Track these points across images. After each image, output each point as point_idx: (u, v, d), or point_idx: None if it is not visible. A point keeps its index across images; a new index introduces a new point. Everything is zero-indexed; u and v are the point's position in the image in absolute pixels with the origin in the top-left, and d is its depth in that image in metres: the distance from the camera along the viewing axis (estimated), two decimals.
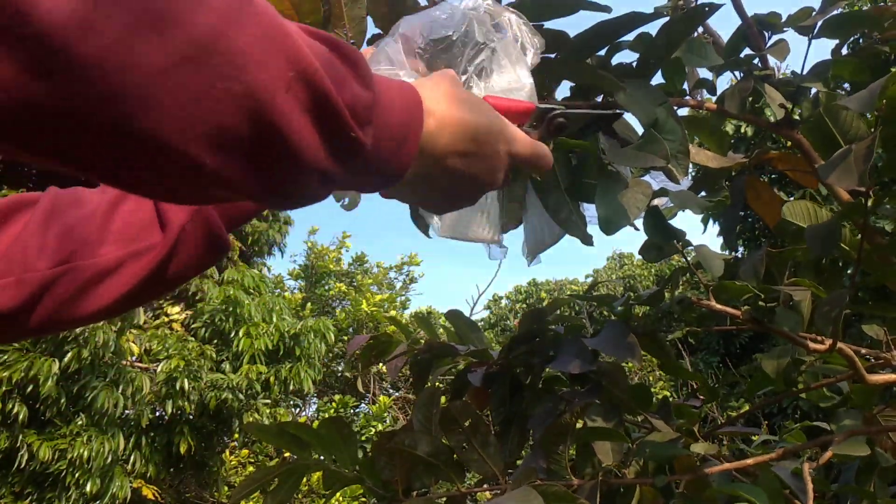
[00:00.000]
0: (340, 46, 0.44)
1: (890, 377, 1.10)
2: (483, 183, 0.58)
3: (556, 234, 1.02)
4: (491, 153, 0.57)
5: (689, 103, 1.08)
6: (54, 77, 0.32)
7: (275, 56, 0.38)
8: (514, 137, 0.60)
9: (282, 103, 0.39)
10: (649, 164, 0.84)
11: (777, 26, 1.14)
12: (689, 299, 1.12)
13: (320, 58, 0.41)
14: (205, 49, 0.36)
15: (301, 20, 0.96)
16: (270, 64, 0.38)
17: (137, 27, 0.33)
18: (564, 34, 0.95)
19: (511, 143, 0.60)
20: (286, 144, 0.40)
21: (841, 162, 0.81)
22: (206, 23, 0.36)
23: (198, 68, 0.35)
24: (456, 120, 0.54)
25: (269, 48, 0.38)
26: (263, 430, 1.25)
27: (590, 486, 1.02)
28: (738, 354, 8.47)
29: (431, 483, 1.12)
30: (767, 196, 1.25)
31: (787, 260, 1.21)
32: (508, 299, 15.70)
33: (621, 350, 1.10)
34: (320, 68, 0.40)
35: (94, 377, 6.82)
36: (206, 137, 0.37)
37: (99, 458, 6.67)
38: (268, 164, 0.40)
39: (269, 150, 0.39)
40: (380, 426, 8.13)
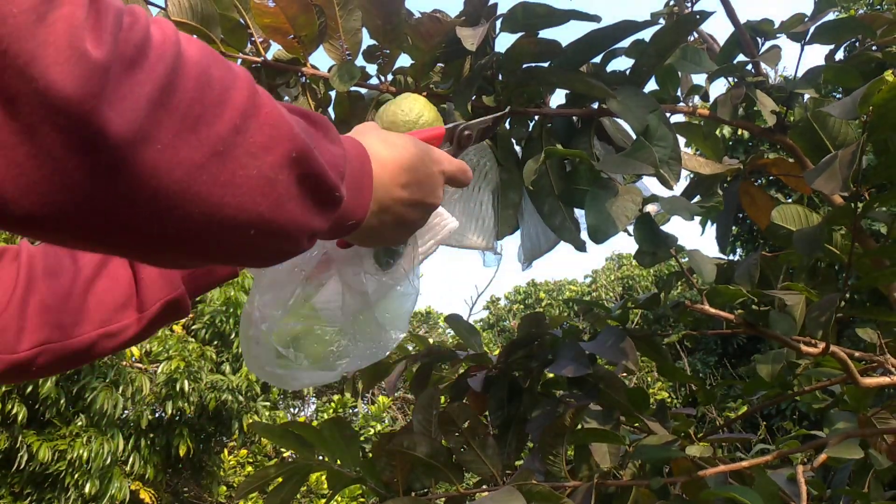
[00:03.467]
0: (310, 115, 0.51)
1: (883, 380, 1.11)
2: (427, 204, 0.66)
3: (552, 240, 1.04)
4: (426, 177, 0.65)
5: (681, 110, 1.10)
6: (116, 179, 0.37)
7: (279, 142, 0.44)
8: (441, 158, 0.68)
9: (284, 180, 0.45)
10: (638, 171, 0.85)
11: (770, 33, 1.16)
12: (684, 304, 1.13)
13: (301, 127, 0.47)
14: (231, 143, 0.41)
15: (297, 33, 0.98)
16: (276, 149, 0.44)
17: (181, 131, 0.39)
18: (557, 43, 0.96)
19: (440, 163, 0.68)
20: (291, 216, 0.46)
21: (827, 168, 0.82)
22: (231, 120, 0.41)
23: (224, 161, 0.41)
24: (392, 158, 0.62)
25: (275, 136, 0.44)
26: (268, 429, 1.27)
27: (586, 488, 1.03)
28: (735, 355, 8.47)
29: (431, 484, 1.14)
30: (762, 201, 1.27)
31: (782, 264, 1.22)
32: (507, 300, 15.71)
33: (618, 353, 1.12)
34: (308, 141, 0.46)
35: (94, 378, 6.83)
36: (228, 220, 0.42)
37: (98, 459, 6.68)
38: (274, 236, 0.46)
39: (275, 223, 0.45)
40: (379, 426, 8.12)
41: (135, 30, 0.37)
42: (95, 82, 0.34)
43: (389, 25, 0.97)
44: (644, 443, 1.14)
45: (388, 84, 1.09)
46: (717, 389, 2.59)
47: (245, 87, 0.43)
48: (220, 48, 1.04)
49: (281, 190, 0.44)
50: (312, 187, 0.47)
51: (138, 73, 0.37)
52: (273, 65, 1.07)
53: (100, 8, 0.35)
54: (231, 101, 0.42)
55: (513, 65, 1.02)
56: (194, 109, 0.39)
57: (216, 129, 0.40)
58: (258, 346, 0.75)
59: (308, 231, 0.49)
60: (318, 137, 0.50)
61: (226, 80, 0.42)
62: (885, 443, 1.22)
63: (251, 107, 0.43)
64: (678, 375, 1.38)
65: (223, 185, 0.41)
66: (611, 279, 12.99)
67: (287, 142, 0.45)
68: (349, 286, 0.74)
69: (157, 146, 0.37)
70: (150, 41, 0.38)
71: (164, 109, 0.38)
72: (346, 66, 1.02)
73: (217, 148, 0.40)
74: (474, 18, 0.98)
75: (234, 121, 0.41)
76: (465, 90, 0.99)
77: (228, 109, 0.41)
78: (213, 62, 0.42)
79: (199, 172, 0.40)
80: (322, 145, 0.50)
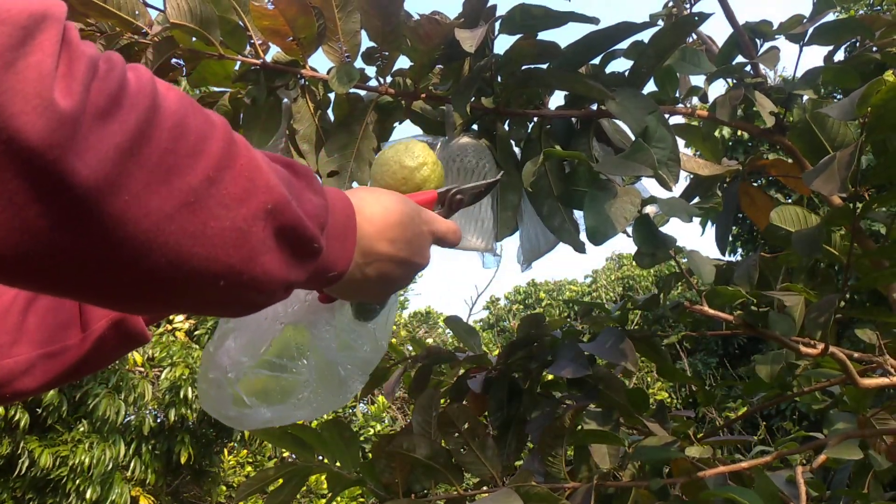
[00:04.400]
0: (293, 165, 0.50)
1: (882, 381, 1.11)
2: (414, 263, 0.65)
3: (551, 241, 1.04)
4: (414, 235, 0.64)
5: (680, 111, 1.10)
6: (80, 228, 0.36)
7: (254, 193, 0.44)
8: (431, 218, 0.69)
9: (259, 232, 0.44)
10: (636, 173, 0.85)
11: (768, 34, 1.16)
12: (683, 305, 1.13)
13: (281, 178, 0.47)
14: (203, 194, 0.41)
15: (296, 35, 0.98)
16: (251, 200, 0.43)
17: (151, 181, 0.38)
18: (555, 45, 0.96)
19: (430, 223, 0.68)
20: (264, 269, 0.45)
21: (825, 169, 0.82)
22: (205, 171, 0.41)
23: (194, 212, 0.40)
24: (380, 213, 0.61)
25: (250, 187, 0.43)
26: (268, 431, 1.27)
27: (585, 489, 1.03)
28: (736, 355, 8.47)
29: (431, 485, 1.14)
30: (762, 202, 1.27)
31: (782, 265, 1.22)
32: (507, 300, 15.70)
33: (617, 354, 1.12)
34: (287, 192, 0.46)
35: (97, 384, 6.82)
36: (196, 271, 0.42)
37: (100, 465, 6.67)
38: (246, 287, 0.45)
39: (247, 275, 0.44)
40: (378, 426, 8.12)
41: (109, 78, 0.37)
42: (62, 133, 0.34)
43: (388, 27, 0.97)
44: (644, 444, 1.14)
45: (386, 86, 1.09)
46: (717, 390, 2.61)
47: (221, 137, 0.43)
48: (219, 50, 1.05)
49: (255, 242, 0.44)
50: (290, 239, 0.47)
51: (110, 122, 0.36)
52: (272, 67, 1.08)
53: (72, 56, 0.35)
54: (206, 152, 0.41)
55: (512, 66, 1.02)
56: (167, 160, 0.39)
57: (188, 180, 0.40)
58: (219, 389, 0.75)
59: (284, 283, 0.48)
60: (300, 188, 0.49)
61: (202, 130, 0.41)
62: (885, 443, 1.22)
63: (227, 157, 0.42)
64: (678, 376, 1.38)
65: (192, 236, 0.40)
66: (611, 279, 12.98)
67: (263, 193, 0.44)
68: (318, 339, 0.75)
69: (125, 197, 0.37)
70: (125, 90, 0.38)
71: (135, 160, 0.37)
72: (345, 68, 1.02)
73: (188, 199, 0.40)
74: (473, 20, 0.98)
75: (207, 171, 0.41)
76: (463, 92, 0.99)
77: (203, 160, 0.41)
78: (190, 111, 0.41)
79: (168, 223, 0.39)
80: (303, 196, 0.49)
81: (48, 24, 0.34)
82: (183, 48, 1.05)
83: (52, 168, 0.34)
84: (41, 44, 0.34)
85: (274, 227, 0.45)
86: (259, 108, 1.07)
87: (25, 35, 0.33)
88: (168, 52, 1.02)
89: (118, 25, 1.02)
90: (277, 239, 0.45)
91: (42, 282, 0.39)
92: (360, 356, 0.79)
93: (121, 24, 1.01)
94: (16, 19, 0.33)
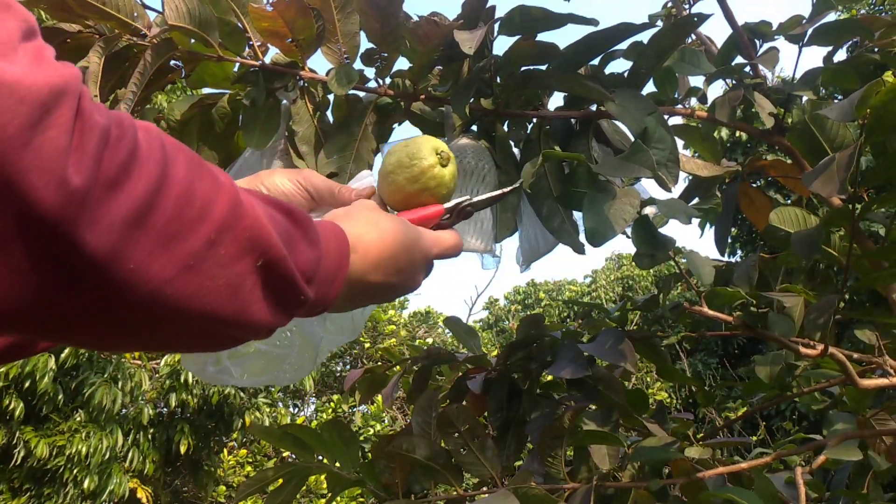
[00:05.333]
0: (293, 213, 0.52)
1: (882, 381, 1.11)
2: (403, 288, 0.67)
3: (550, 242, 1.04)
4: (408, 264, 0.65)
5: (680, 112, 1.10)
6: (85, 295, 0.38)
7: (251, 251, 0.45)
8: (431, 244, 0.69)
9: (250, 285, 0.46)
10: (635, 174, 0.85)
11: (768, 35, 1.16)
12: (683, 306, 1.13)
13: (278, 226, 0.48)
14: (202, 257, 0.42)
15: (295, 36, 0.98)
16: (246, 258, 0.45)
17: (155, 249, 0.40)
18: (554, 46, 0.96)
19: (428, 251, 0.69)
20: (252, 317, 0.47)
21: (824, 170, 0.82)
22: (207, 235, 0.42)
23: (193, 274, 0.42)
24: (376, 244, 0.62)
25: (247, 246, 0.45)
26: (267, 431, 1.27)
27: (585, 490, 1.03)
28: (736, 355, 8.47)
29: (430, 486, 1.14)
30: (761, 203, 1.27)
31: (781, 266, 1.22)
32: (507, 300, 15.70)
33: (616, 355, 1.12)
34: (283, 248, 0.47)
35: (93, 373, 6.82)
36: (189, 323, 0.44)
37: (97, 454, 6.67)
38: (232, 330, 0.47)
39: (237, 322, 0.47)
40: (378, 426, 8.12)
41: (120, 147, 0.38)
42: (73, 209, 0.35)
43: (387, 29, 0.97)
44: (643, 444, 1.14)
45: (386, 87, 1.09)
46: (717, 391, 2.60)
47: (227, 201, 0.44)
48: (218, 52, 1.05)
49: (245, 294, 0.46)
50: (279, 291, 0.48)
51: (118, 193, 0.37)
52: (271, 68, 1.08)
53: (84, 129, 0.36)
54: (210, 217, 0.42)
55: (511, 67, 1.02)
56: (171, 227, 0.40)
57: (190, 244, 0.41)
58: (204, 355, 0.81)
59: (268, 327, 0.50)
60: (297, 239, 0.51)
61: (208, 195, 0.43)
62: (884, 444, 1.22)
63: (230, 220, 0.44)
64: (677, 377, 1.38)
65: (189, 296, 0.42)
66: (610, 279, 12.98)
67: (259, 252, 0.46)
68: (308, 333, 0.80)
69: (129, 266, 0.38)
70: (136, 157, 0.38)
71: (141, 229, 0.38)
72: (344, 70, 1.02)
73: (188, 262, 0.41)
74: (472, 22, 0.98)
75: (209, 235, 0.42)
76: (463, 93, 0.99)
77: (206, 225, 0.42)
78: (197, 175, 0.42)
79: (167, 286, 0.40)
80: (298, 248, 0.50)
81: (65, 98, 0.35)
82: (182, 50, 1.05)
83: (61, 241, 0.35)
84: (57, 119, 0.34)
85: (264, 281, 0.47)
86: (258, 109, 1.07)
87: (44, 112, 0.34)
88: (167, 54, 1.02)
89: (117, 27, 1.02)
90: (266, 290, 0.47)
91: (37, 334, 0.41)
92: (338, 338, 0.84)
93: (120, 26, 1.01)
94: (36, 97, 0.34)
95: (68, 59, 1.07)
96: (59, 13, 1.00)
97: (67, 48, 1.06)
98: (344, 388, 0.63)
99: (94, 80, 0.99)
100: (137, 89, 1.00)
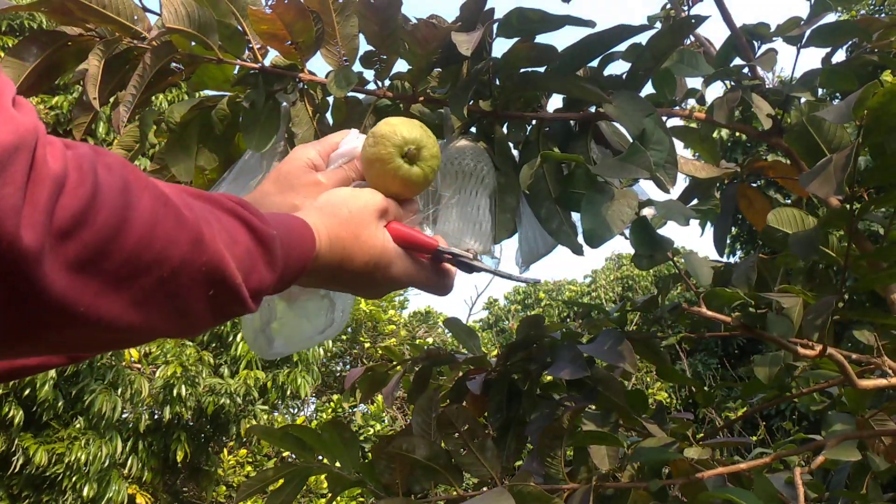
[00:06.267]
0: (259, 232, 0.52)
1: (880, 382, 1.11)
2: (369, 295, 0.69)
3: (549, 243, 1.04)
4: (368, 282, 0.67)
5: (678, 113, 1.10)
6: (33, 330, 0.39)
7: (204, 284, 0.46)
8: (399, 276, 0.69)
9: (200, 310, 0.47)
10: (634, 175, 0.85)
11: (766, 36, 1.16)
12: (682, 306, 1.14)
13: (239, 249, 0.49)
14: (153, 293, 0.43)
15: (294, 39, 0.98)
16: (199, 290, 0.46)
17: (105, 290, 0.40)
18: (553, 48, 0.96)
19: (396, 281, 0.69)
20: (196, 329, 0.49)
21: (822, 171, 0.82)
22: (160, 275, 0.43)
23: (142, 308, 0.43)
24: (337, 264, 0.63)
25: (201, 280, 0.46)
26: (268, 432, 1.27)
27: (584, 490, 1.03)
28: (736, 356, 8.47)
29: (430, 486, 1.14)
30: (759, 203, 1.27)
31: (780, 266, 1.22)
32: (507, 300, 15.71)
33: (616, 356, 1.12)
34: (237, 275, 0.48)
35: (93, 380, 6.81)
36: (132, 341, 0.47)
37: (96, 462, 6.66)
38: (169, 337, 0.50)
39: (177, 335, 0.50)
40: (378, 426, 8.12)
41: (77, 193, 0.38)
42: (25, 265, 0.35)
43: (386, 31, 0.98)
44: (642, 445, 1.15)
45: (385, 89, 1.09)
46: (717, 391, 2.61)
47: (188, 241, 0.44)
48: (217, 55, 1.05)
49: (192, 317, 0.47)
50: (225, 308, 0.50)
51: (70, 241, 0.38)
52: (271, 71, 1.08)
53: (38, 181, 0.36)
54: (168, 259, 0.43)
55: (509, 69, 1.02)
56: (124, 270, 0.40)
57: (142, 283, 0.42)
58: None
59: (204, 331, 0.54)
60: (257, 259, 0.52)
61: (170, 235, 0.43)
62: (883, 444, 1.22)
63: (189, 259, 0.44)
64: (677, 377, 1.38)
65: (138, 327, 0.43)
66: (610, 279, 12.99)
67: (213, 283, 0.47)
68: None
69: (79, 308, 0.39)
70: (93, 205, 0.38)
71: (91, 274, 0.39)
72: (343, 72, 1.02)
73: (137, 298, 0.42)
74: (470, 24, 0.98)
75: (162, 275, 0.43)
76: (461, 95, 0.99)
77: (161, 267, 0.43)
78: (162, 215, 0.43)
79: (116, 320, 0.41)
80: (256, 270, 0.51)
81: (18, 154, 0.35)
82: (182, 52, 1.05)
83: (14, 290, 0.36)
84: (11, 176, 0.35)
85: (214, 304, 0.48)
86: (258, 111, 1.08)
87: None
88: (166, 57, 1.02)
89: (117, 30, 1.02)
90: (213, 306, 0.48)
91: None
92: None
93: (120, 29, 1.01)
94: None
95: (69, 62, 1.07)
96: (59, 17, 1.00)
97: (68, 51, 1.06)
98: (344, 386, 0.64)
99: (93, 83, 0.99)
100: (137, 92, 1.00)
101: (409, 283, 0.71)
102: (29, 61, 1.03)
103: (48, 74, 1.06)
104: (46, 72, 1.06)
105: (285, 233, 0.56)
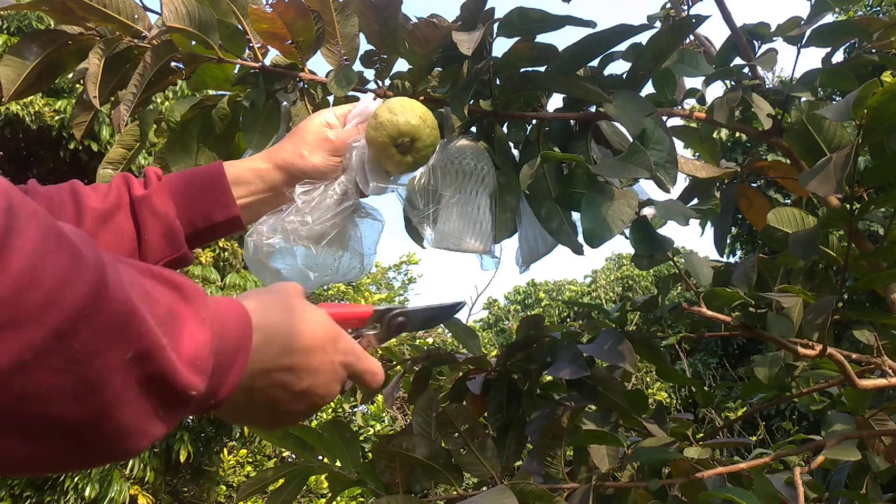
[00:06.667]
0: (182, 287, 0.44)
1: (880, 382, 1.11)
2: (315, 397, 0.56)
3: (549, 243, 1.04)
4: (321, 364, 0.56)
5: (678, 113, 1.10)
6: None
7: (117, 342, 0.37)
8: (349, 349, 0.60)
9: (116, 385, 0.38)
10: (634, 175, 0.85)
11: (766, 36, 1.16)
12: (682, 306, 1.14)
13: (159, 307, 0.41)
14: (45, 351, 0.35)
15: (294, 38, 0.98)
16: (110, 352, 0.37)
17: None
18: (553, 47, 0.96)
19: (345, 355, 0.59)
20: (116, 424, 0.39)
21: (821, 170, 0.83)
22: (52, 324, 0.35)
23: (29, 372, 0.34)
24: (284, 332, 0.53)
25: (112, 336, 0.37)
26: (267, 431, 1.28)
27: (584, 490, 1.03)
28: (736, 355, 8.48)
29: (430, 486, 1.14)
30: (759, 203, 1.27)
31: (780, 266, 1.22)
32: (507, 300, 15.71)
33: (616, 356, 1.12)
34: (159, 333, 0.40)
35: None
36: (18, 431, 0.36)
37: None
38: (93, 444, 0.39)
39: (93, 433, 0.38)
40: (378, 426, 8.12)
41: None
42: None
43: (386, 30, 0.98)
44: (642, 445, 1.15)
45: (385, 89, 1.09)
46: (716, 391, 2.61)
47: (88, 283, 0.36)
48: (218, 54, 1.05)
49: (108, 396, 0.37)
50: (155, 389, 0.40)
51: None
52: (271, 70, 1.08)
53: None
54: (61, 303, 0.34)
55: (509, 69, 1.02)
56: (3, 313, 0.33)
57: (27, 336, 0.33)
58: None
59: (145, 435, 0.41)
60: (184, 318, 0.43)
61: (63, 275, 0.35)
62: (883, 444, 1.22)
63: (90, 306, 0.36)
64: (677, 377, 1.38)
65: (19, 398, 0.34)
66: (610, 279, 12.98)
67: (128, 342, 0.38)
68: None
69: None
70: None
71: None
72: (343, 71, 1.02)
73: (22, 357, 0.33)
74: (471, 23, 0.98)
75: (55, 325, 0.34)
76: (461, 94, 0.99)
77: (52, 313, 0.34)
78: (53, 249, 0.35)
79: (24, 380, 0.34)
80: (184, 330, 0.42)
81: None
82: (182, 52, 1.05)
83: None
84: None
85: (137, 376, 0.39)
86: (258, 111, 1.08)
87: None
88: (167, 56, 1.02)
89: (118, 29, 1.02)
90: (140, 389, 0.39)
91: None
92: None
93: (120, 28, 1.01)
94: None
95: (70, 61, 1.08)
96: (60, 16, 1.00)
97: (68, 50, 1.06)
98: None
99: (93, 82, 0.99)
100: (137, 91, 1.01)
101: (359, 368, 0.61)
102: (30, 60, 1.03)
103: (49, 73, 1.06)
104: (47, 70, 1.06)
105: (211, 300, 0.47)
